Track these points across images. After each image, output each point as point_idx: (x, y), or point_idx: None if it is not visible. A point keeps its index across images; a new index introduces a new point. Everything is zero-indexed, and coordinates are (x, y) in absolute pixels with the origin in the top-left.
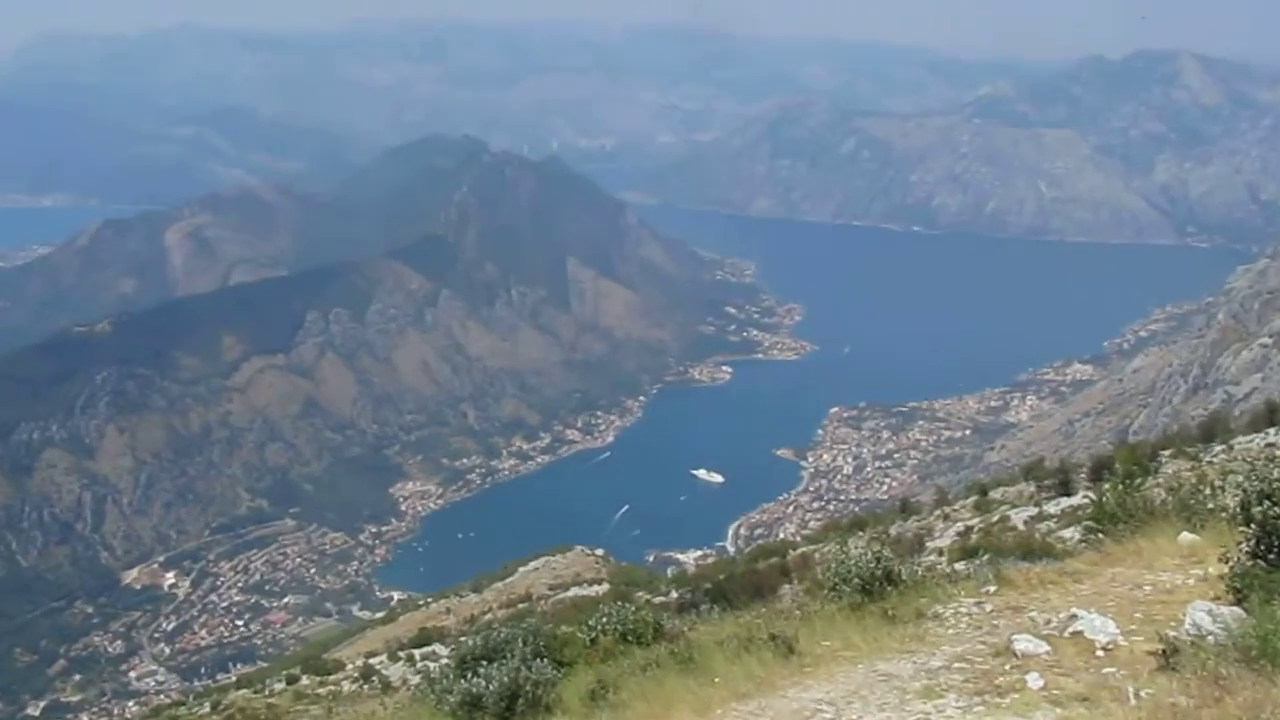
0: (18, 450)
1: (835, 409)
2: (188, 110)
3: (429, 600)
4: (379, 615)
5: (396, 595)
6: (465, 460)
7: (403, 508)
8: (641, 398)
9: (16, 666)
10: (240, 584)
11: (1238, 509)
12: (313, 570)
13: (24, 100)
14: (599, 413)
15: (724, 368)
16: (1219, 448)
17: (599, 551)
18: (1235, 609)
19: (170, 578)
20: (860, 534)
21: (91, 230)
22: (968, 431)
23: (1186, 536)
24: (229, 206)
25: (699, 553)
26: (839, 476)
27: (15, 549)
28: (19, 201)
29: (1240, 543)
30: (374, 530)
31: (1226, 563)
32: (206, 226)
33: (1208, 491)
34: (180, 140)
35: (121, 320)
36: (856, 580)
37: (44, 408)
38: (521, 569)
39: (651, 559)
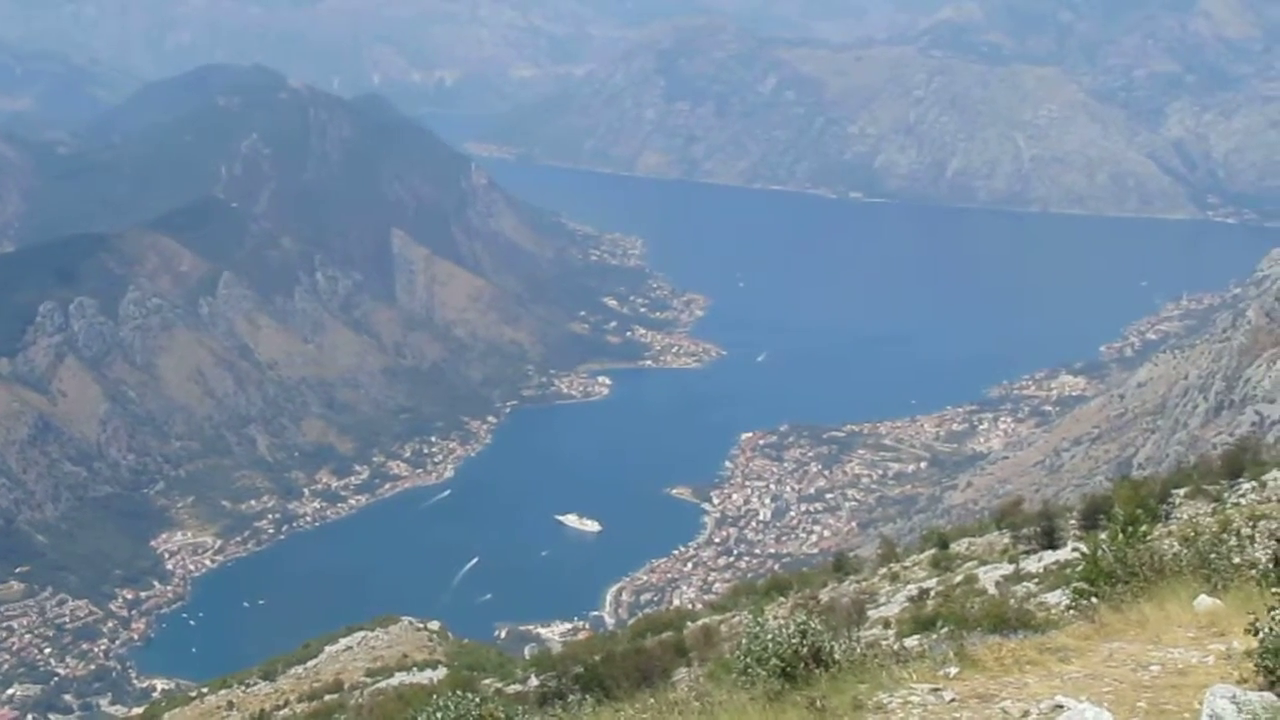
0: None
1: (748, 434)
2: None
3: (204, 691)
4: (135, 712)
5: (160, 684)
6: (253, 502)
7: (169, 566)
8: (491, 419)
9: None
10: None
11: (1270, 565)
12: (47, 650)
13: None
14: (434, 439)
15: (601, 379)
16: (1247, 485)
17: (433, 625)
18: (1267, 695)
19: None
20: (781, 599)
21: None
22: (923, 464)
23: (1205, 601)
24: None
25: (567, 626)
26: (753, 523)
27: None
28: None
29: (1273, 608)
30: (129, 596)
31: (1255, 634)
32: None
33: (1233, 542)
34: None
35: None
36: (775, 661)
37: None
38: (329, 648)
39: (503, 634)
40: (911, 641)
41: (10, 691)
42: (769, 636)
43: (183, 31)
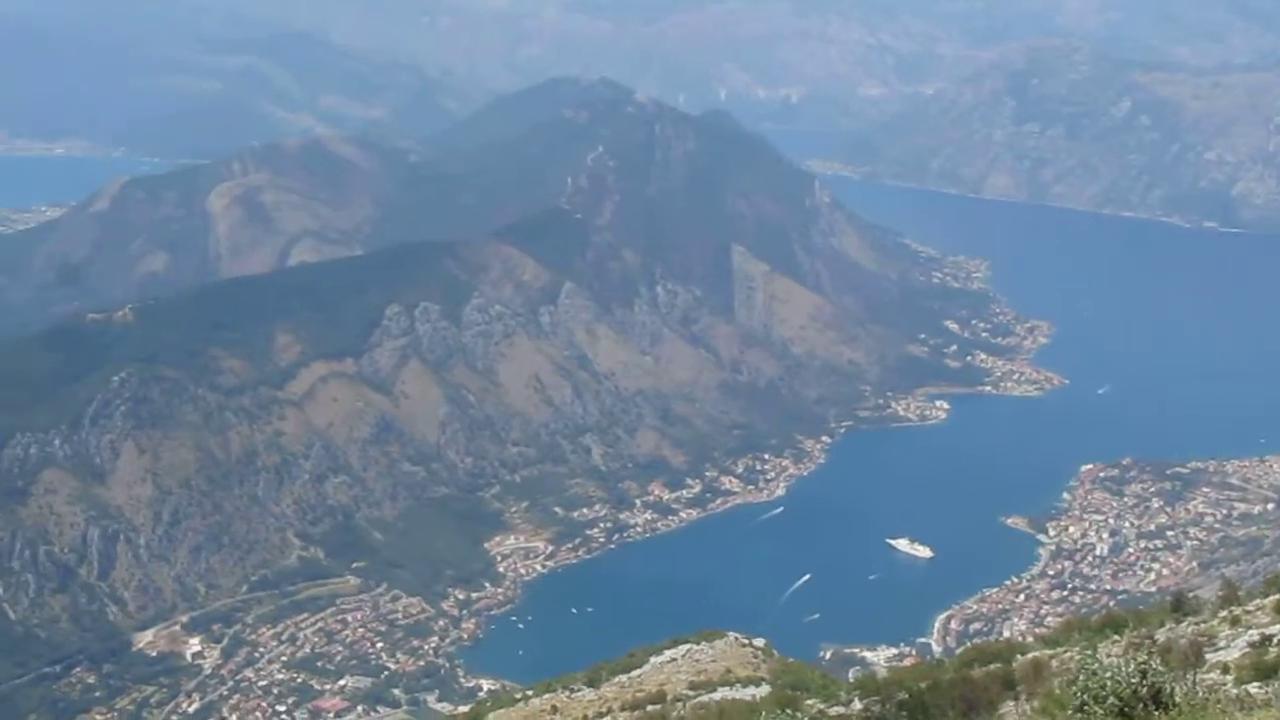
0: (10, 469)
1: (1088, 466)
2: (239, 35)
3: (529, 694)
4: (461, 710)
5: (486, 684)
6: (585, 510)
7: (500, 569)
8: (825, 438)
9: None
10: (285, 658)
11: None
12: (379, 645)
13: (33, 24)
14: (766, 455)
15: (938, 402)
16: None
17: (758, 642)
18: None
19: (195, 644)
20: (1116, 638)
21: (113, 189)
22: (1270, 505)
23: None
24: (291, 163)
25: (893, 651)
26: (1089, 558)
27: (2, 595)
28: (26, 149)
29: None
30: (461, 596)
31: None
32: (261, 188)
33: None
34: (229, 75)
35: (148, 307)
36: (1112, 700)
37: (45, 416)
38: (654, 659)
39: (828, 656)
40: (1254, 688)
41: (342, 682)
42: (1107, 674)
43: (533, 45)
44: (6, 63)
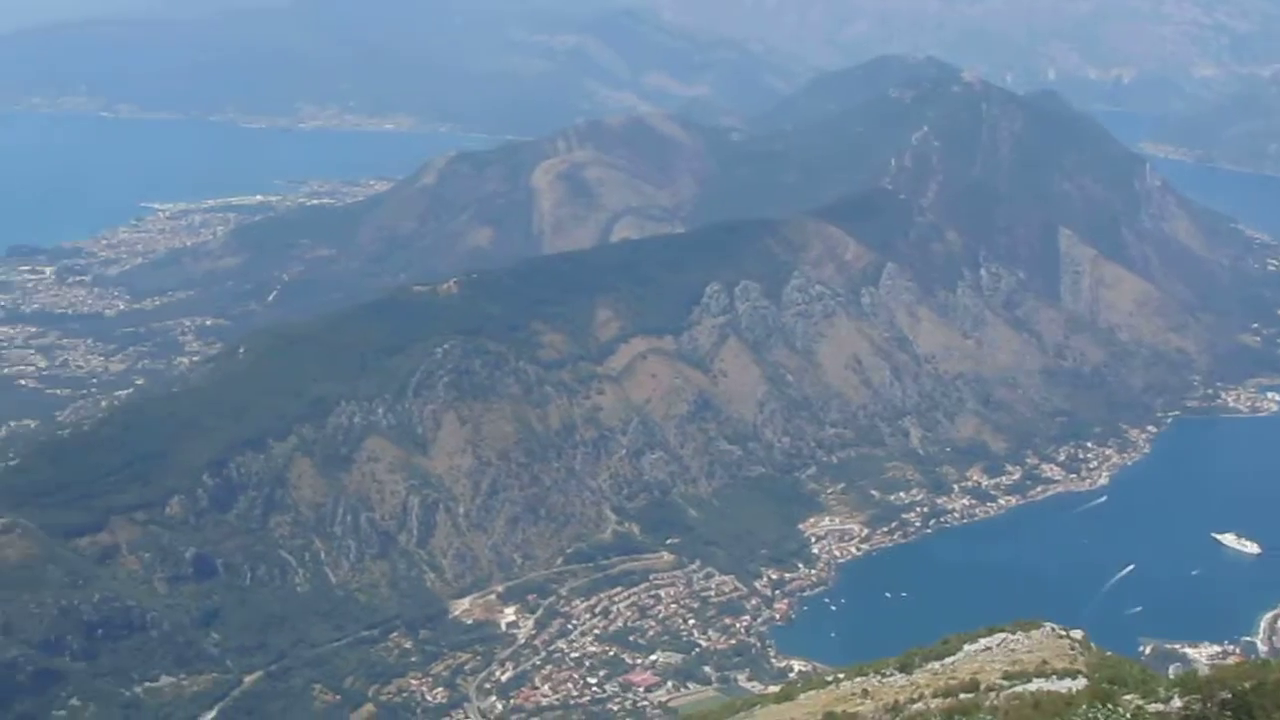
0: (334, 436)
1: None
2: (567, 14)
3: (840, 677)
4: (771, 689)
5: (797, 665)
6: (902, 494)
7: (814, 550)
8: (1151, 427)
9: (315, 707)
10: (597, 630)
11: None
12: (691, 621)
13: (370, 4)
14: (1089, 444)
15: (1271, 394)
16: None
17: (1076, 633)
18: None
19: (510, 614)
20: None
21: (440, 164)
22: None
23: None
24: (615, 140)
25: (1216, 648)
26: None
27: (324, 558)
28: (357, 124)
29: None
30: (774, 576)
31: None
32: (586, 165)
33: None
34: (557, 53)
35: (472, 280)
36: None
37: (370, 385)
38: (968, 646)
39: (1146, 650)
40: None
41: (653, 657)
42: None
43: (859, 23)
44: (340, 42)
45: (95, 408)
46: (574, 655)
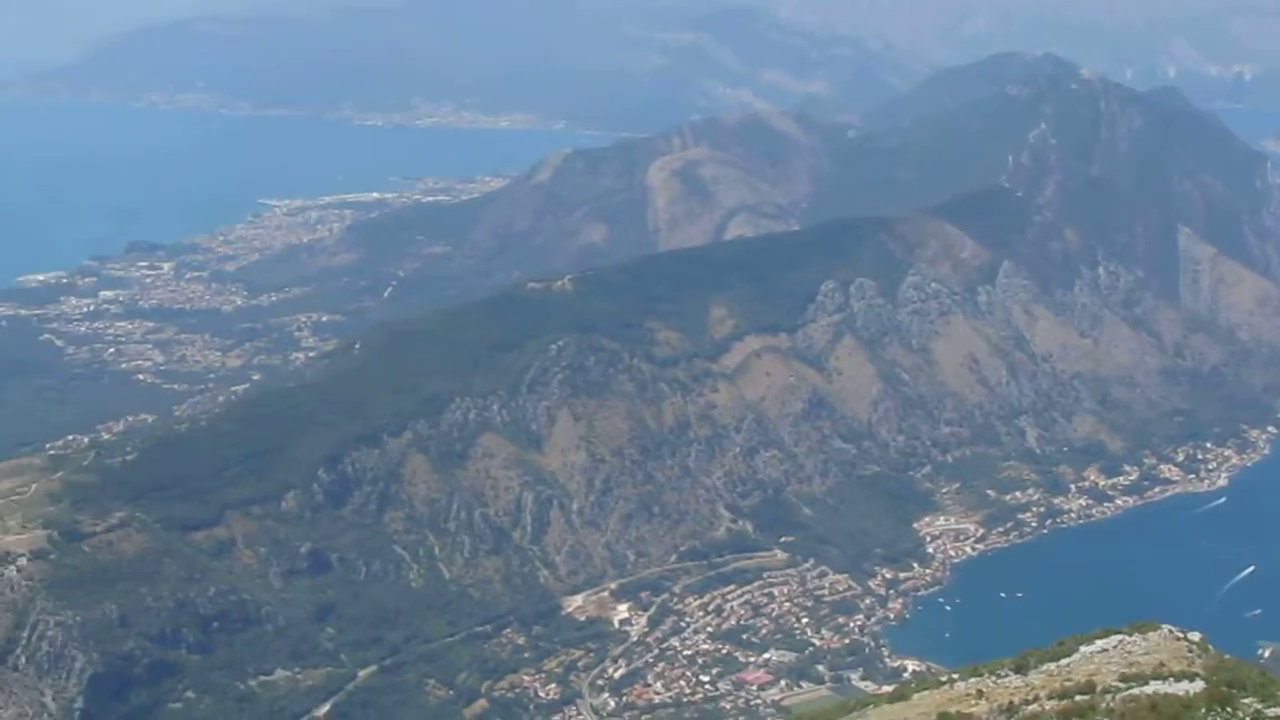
0: (449, 432)
1: None
2: (684, 11)
3: (954, 677)
4: (885, 689)
5: (911, 665)
6: (1018, 494)
7: (929, 549)
8: (1271, 428)
9: (428, 702)
10: (710, 628)
11: None
12: (804, 620)
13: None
14: (1209, 445)
15: None
16: None
17: (1194, 636)
18: None
19: (623, 611)
20: None
21: (555, 161)
22: None
23: None
24: (731, 138)
25: None
26: None
27: (438, 554)
28: (472, 121)
29: None
30: (888, 575)
31: None
32: (701, 162)
33: None
34: (673, 50)
35: (587, 277)
36: None
37: (484, 381)
38: (1084, 648)
39: (1266, 654)
40: None
41: (766, 656)
42: None
43: (978, 19)
44: (455, 39)
45: (212, 403)
46: (687, 653)
